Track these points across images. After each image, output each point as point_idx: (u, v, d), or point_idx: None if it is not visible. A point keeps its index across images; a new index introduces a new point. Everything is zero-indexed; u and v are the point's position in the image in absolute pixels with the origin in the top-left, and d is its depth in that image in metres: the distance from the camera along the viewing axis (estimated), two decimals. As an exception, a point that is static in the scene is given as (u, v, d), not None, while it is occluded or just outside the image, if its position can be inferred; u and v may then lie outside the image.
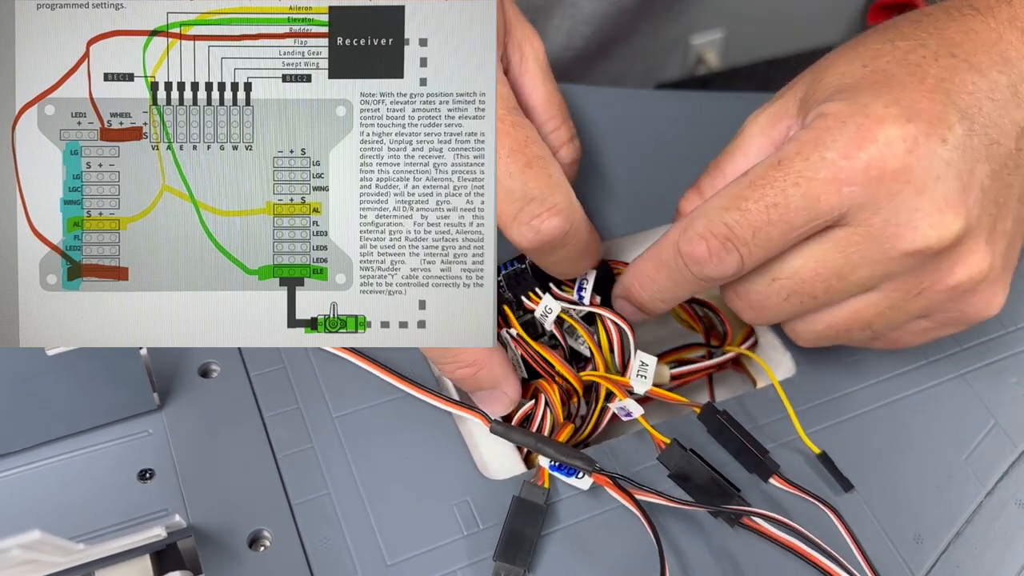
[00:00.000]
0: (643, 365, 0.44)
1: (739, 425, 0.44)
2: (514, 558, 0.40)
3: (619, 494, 0.41)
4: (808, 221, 0.39)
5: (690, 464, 0.42)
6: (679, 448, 0.42)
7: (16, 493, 0.41)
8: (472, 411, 0.43)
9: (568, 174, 0.46)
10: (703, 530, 0.42)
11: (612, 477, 0.42)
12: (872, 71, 0.40)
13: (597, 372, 0.45)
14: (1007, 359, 0.48)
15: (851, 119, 0.39)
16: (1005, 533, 0.44)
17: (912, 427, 0.46)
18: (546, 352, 0.45)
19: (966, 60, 0.40)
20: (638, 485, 0.41)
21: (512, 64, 0.44)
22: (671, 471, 0.42)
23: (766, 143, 0.43)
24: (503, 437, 0.43)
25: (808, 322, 0.43)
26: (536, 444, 0.42)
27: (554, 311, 0.45)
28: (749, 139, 0.43)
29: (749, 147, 0.43)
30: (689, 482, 0.42)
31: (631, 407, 0.43)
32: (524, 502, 0.41)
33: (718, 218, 0.40)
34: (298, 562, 0.40)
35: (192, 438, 0.42)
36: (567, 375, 0.44)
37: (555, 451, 0.42)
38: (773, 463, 0.43)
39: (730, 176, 0.43)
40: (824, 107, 0.40)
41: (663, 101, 0.44)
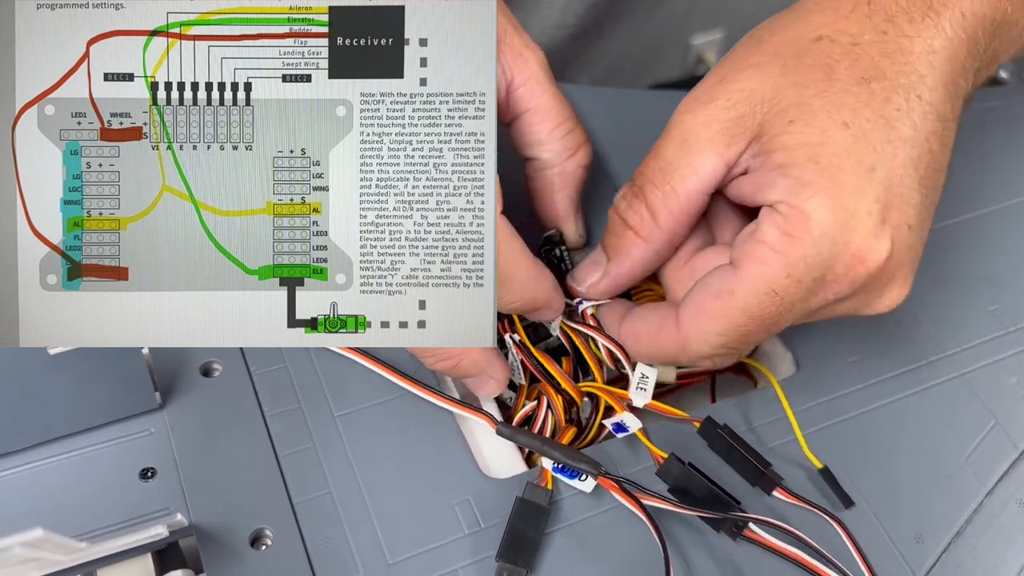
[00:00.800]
0: (643, 377, 0.44)
1: (740, 439, 0.43)
2: (516, 559, 0.40)
3: (625, 498, 0.41)
4: (802, 318, 0.41)
5: (689, 478, 0.42)
6: (677, 462, 0.42)
7: (18, 492, 0.41)
8: (478, 412, 0.43)
9: (580, 178, 0.46)
10: (707, 536, 0.42)
11: (617, 481, 0.41)
12: (853, 138, 0.39)
13: (596, 384, 0.45)
14: (1007, 359, 0.48)
15: (839, 236, 0.39)
16: (1005, 533, 0.44)
17: (912, 427, 0.46)
18: (546, 361, 0.44)
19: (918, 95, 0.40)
20: (643, 490, 0.41)
21: (515, 73, 0.44)
22: (670, 486, 0.42)
23: (719, 163, 0.41)
24: (509, 439, 0.43)
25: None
26: (542, 447, 0.42)
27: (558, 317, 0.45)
28: (697, 153, 0.41)
29: (698, 163, 0.41)
30: (689, 496, 0.42)
31: (628, 421, 0.43)
32: (527, 503, 0.41)
33: (719, 344, 0.41)
34: (300, 561, 0.40)
35: (194, 437, 0.42)
36: (566, 387, 0.44)
37: (561, 454, 0.42)
38: (776, 476, 0.43)
39: (681, 193, 0.42)
40: (803, 199, 0.39)
41: (663, 101, 0.44)
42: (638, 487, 0.41)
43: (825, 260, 0.39)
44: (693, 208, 0.42)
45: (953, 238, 0.44)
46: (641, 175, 0.43)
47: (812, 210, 0.38)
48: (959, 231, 0.50)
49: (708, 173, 0.41)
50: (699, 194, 0.42)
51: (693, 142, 0.41)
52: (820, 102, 0.39)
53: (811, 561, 0.41)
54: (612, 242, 0.44)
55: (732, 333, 0.41)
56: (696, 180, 0.42)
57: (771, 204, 0.40)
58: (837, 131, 0.39)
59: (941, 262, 0.44)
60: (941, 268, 0.47)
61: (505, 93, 0.44)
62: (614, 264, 0.44)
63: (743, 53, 0.42)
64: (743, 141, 0.41)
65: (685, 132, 0.42)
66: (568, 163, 0.46)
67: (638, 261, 0.44)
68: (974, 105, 0.58)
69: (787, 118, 0.40)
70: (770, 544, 0.41)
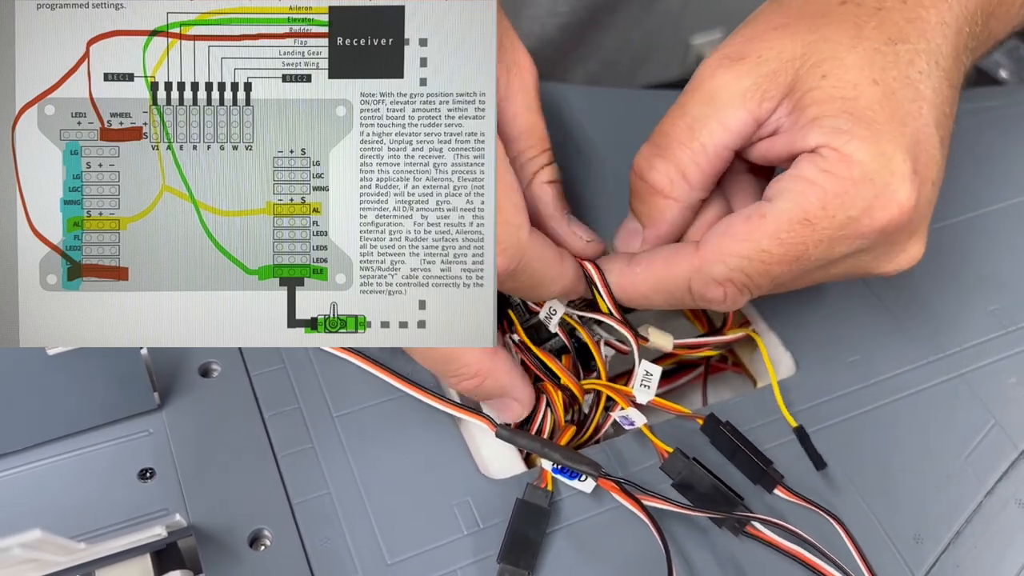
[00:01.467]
0: (647, 375, 0.44)
1: (742, 436, 0.43)
2: (518, 560, 0.40)
3: (626, 499, 0.41)
4: (819, 266, 0.41)
5: (693, 473, 0.42)
6: (682, 457, 0.42)
7: (17, 492, 0.41)
8: (477, 415, 0.43)
9: (553, 193, 0.44)
10: (708, 535, 0.42)
11: (618, 482, 0.41)
12: (883, 94, 0.40)
13: (600, 381, 0.45)
14: (1007, 359, 0.48)
15: (878, 177, 0.39)
16: (1005, 533, 0.44)
17: (911, 427, 0.46)
18: (548, 359, 0.44)
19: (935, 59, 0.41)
20: (644, 490, 0.41)
21: (499, 88, 0.42)
22: (674, 481, 0.42)
23: (749, 119, 0.41)
24: (509, 442, 0.43)
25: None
26: (543, 449, 0.42)
27: (558, 313, 0.45)
28: (728, 108, 0.41)
29: (729, 119, 0.41)
30: (692, 491, 0.42)
31: (634, 416, 0.43)
32: (527, 504, 0.41)
33: (739, 267, 0.40)
34: (298, 562, 0.40)
35: (192, 438, 0.42)
36: (569, 384, 0.44)
37: (561, 456, 0.42)
38: (777, 474, 0.43)
39: (710, 149, 0.41)
40: (843, 142, 0.39)
41: (663, 101, 0.44)
42: (639, 488, 0.41)
43: (863, 199, 0.39)
44: (721, 165, 0.42)
45: (953, 238, 0.44)
46: (665, 135, 0.42)
47: (852, 151, 0.39)
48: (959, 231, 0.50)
49: (738, 129, 0.41)
50: (728, 150, 0.42)
51: (723, 97, 0.41)
52: (852, 57, 0.40)
53: (814, 559, 0.41)
54: (642, 208, 0.43)
55: (755, 258, 0.40)
56: (726, 135, 0.41)
57: (812, 149, 0.40)
58: (868, 86, 0.40)
59: (941, 262, 0.44)
60: (941, 268, 0.47)
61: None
62: (651, 230, 0.44)
63: (766, 17, 0.42)
64: (775, 98, 0.41)
65: (715, 88, 0.41)
66: (529, 189, 0.44)
67: (675, 222, 0.43)
68: (974, 105, 0.58)
69: (820, 72, 0.40)
70: (773, 541, 0.41)
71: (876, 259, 0.42)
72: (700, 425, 0.44)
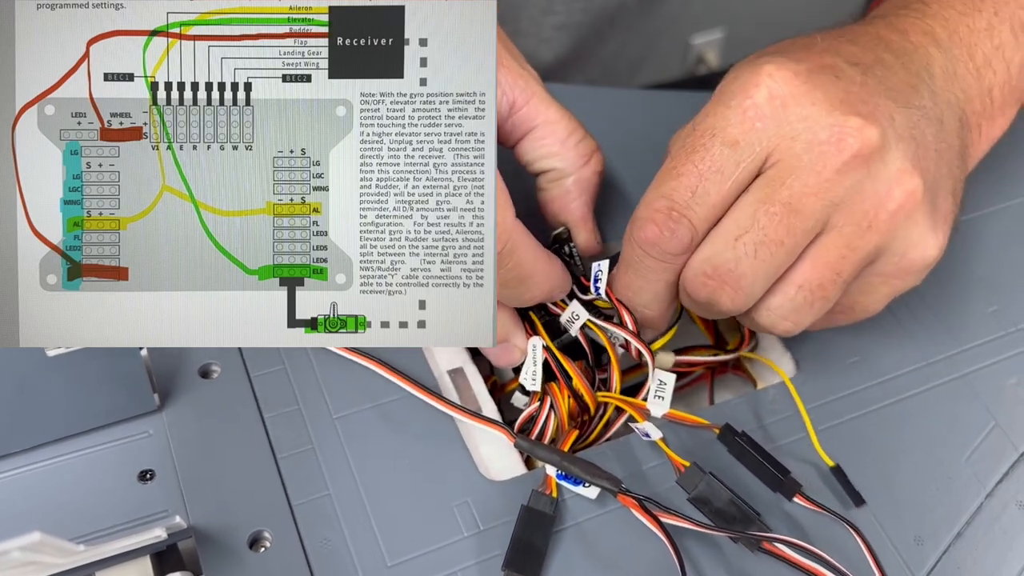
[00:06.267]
0: (661, 384, 0.44)
1: (758, 446, 0.43)
2: (523, 567, 0.40)
3: (644, 516, 0.41)
4: (737, 164, 0.41)
5: (710, 487, 0.41)
6: (698, 471, 0.41)
7: (16, 494, 0.41)
8: (493, 424, 0.43)
9: (595, 184, 0.47)
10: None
11: (638, 499, 0.41)
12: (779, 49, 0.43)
13: (613, 395, 0.44)
14: (1007, 359, 0.48)
15: (742, 69, 0.41)
16: (1005, 534, 0.44)
17: (912, 428, 0.46)
18: (570, 367, 0.44)
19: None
20: (663, 508, 0.40)
21: (516, 94, 0.44)
22: (691, 495, 0.42)
23: None
24: (528, 453, 0.43)
25: (783, 293, 0.42)
26: (561, 462, 0.41)
27: (581, 318, 0.44)
28: None
29: None
30: (708, 505, 0.41)
31: (650, 430, 0.42)
32: (532, 511, 0.41)
33: (656, 194, 0.41)
34: (298, 563, 0.40)
35: (192, 439, 0.42)
36: (584, 394, 0.44)
37: (581, 470, 0.41)
38: (795, 483, 0.42)
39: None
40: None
41: (663, 101, 0.44)
42: (659, 505, 0.40)
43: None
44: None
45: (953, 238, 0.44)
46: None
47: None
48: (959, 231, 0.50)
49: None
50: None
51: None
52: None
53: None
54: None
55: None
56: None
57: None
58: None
59: (941, 262, 0.44)
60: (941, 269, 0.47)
61: (508, 116, 0.44)
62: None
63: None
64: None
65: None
66: (584, 170, 0.46)
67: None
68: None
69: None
70: (790, 558, 0.40)
71: (810, 147, 0.40)
72: (717, 435, 0.44)
